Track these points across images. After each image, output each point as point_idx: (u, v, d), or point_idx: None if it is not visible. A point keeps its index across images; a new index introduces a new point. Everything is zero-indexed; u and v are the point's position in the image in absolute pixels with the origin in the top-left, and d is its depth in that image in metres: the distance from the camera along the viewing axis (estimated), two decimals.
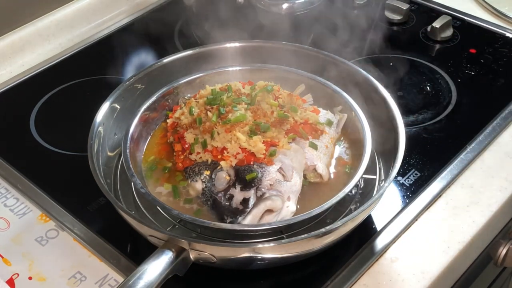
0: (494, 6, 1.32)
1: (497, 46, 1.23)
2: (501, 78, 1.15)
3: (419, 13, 1.33)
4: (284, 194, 0.84)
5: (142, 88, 0.99)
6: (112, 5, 1.36)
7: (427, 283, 0.84)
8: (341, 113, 0.97)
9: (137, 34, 1.29)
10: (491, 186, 0.96)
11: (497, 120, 1.05)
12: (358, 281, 0.84)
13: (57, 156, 1.03)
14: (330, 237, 0.80)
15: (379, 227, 0.89)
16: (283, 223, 0.82)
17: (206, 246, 0.76)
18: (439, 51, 1.23)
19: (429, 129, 1.06)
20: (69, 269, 0.86)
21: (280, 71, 1.02)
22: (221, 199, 0.84)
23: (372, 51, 1.20)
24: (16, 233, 0.91)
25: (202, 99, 0.93)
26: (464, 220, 0.91)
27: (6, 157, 1.02)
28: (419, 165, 0.98)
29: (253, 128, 0.87)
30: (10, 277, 0.85)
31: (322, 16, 1.21)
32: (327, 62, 1.01)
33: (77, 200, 0.94)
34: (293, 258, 0.82)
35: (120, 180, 0.92)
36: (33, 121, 1.10)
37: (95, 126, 0.91)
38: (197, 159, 0.87)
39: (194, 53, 1.03)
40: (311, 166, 0.89)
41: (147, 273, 0.73)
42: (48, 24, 1.28)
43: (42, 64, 1.23)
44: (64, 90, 1.17)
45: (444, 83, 1.15)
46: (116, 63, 1.22)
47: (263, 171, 0.84)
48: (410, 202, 0.93)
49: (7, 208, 0.95)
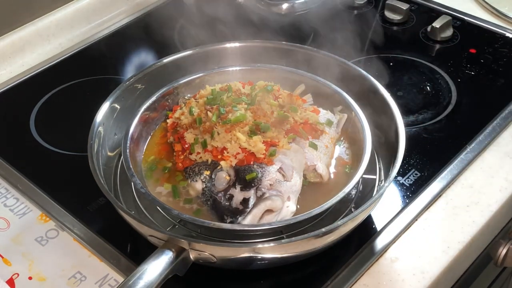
0: (494, 6, 1.32)
1: (497, 46, 1.23)
2: (501, 78, 1.15)
3: (419, 13, 1.33)
4: (284, 194, 0.84)
5: (142, 88, 0.99)
6: (112, 5, 1.36)
7: (427, 283, 0.84)
8: (341, 113, 0.97)
9: (137, 34, 1.29)
10: (491, 186, 0.96)
11: (497, 120, 1.05)
12: (358, 281, 0.84)
13: (57, 156, 1.03)
14: (330, 237, 0.80)
15: (379, 227, 0.89)
16: (283, 223, 0.82)
17: (206, 246, 0.76)
18: (439, 51, 1.23)
19: (429, 129, 1.06)
20: (69, 269, 0.86)
21: (280, 71, 1.02)
22: (221, 199, 0.84)
23: (372, 51, 1.20)
24: (16, 233, 0.91)
25: (202, 99, 0.93)
26: (464, 220, 0.91)
27: (6, 157, 1.02)
28: (419, 165, 0.98)
29: (253, 128, 0.87)
30: (10, 277, 0.85)
31: (322, 16, 1.21)
32: (327, 62, 1.01)
33: (77, 200, 0.94)
34: (293, 258, 0.82)
35: (120, 180, 0.92)
36: (33, 121, 1.10)
37: (95, 126, 0.90)
38: (197, 159, 0.87)
39: (194, 53, 1.03)
40: (311, 166, 0.89)
41: (147, 273, 0.73)
42: (48, 24, 1.28)
43: (42, 64, 1.23)
44: (64, 90, 1.17)
45: (444, 83, 1.15)
46: (116, 63, 1.22)
47: (263, 171, 0.84)
48: (410, 202, 0.93)
49: (7, 208, 0.95)
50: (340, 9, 1.32)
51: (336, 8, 1.31)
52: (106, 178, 0.88)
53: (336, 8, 1.31)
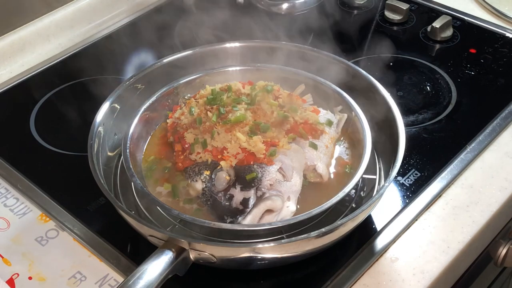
0: (494, 6, 1.32)
1: (497, 46, 1.23)
2: (501, 78, 1.15)
3: (419, 13, 1.33)
4: (284, 194, 0.84)
5: (142, 88, 0.99)
6: (112, 5, 1.36)
7: (427, 283, 0.84)
8: (341, 113, 0.97)
9: (137, 34, 1.29)
10: (491, 186, 0.96)
11: (497, 120, 1.05)
12: (358, 281, 0.84)
13: (57, 156, 1.03)
14: (330, 237, 0.80)
15: (379, 227, 0.89)
16: (283, 223, 0.82)
17: (206, 246, 0.76)
18: (439, 51, 1.23)
19: (429, 129, 1.06)
20: (69, 269, 0.86)
21: (280, 71, 1.02)
22: (221, 199, 0.84)
23: (372, 51, 1.20)
24: (16, 233, 0.91)
25: (202, 99, 0.93)
26: (464, 220, 0.91)
27: (6, 157, 1.02)
28: (419, 165, 0.98)
29: (253, 128, 0.87)
30: (10, 277, 0.85)
31: (322, 16, 1.21)
32: (327, 62, 1.01)
33: (77, 200, 0.94)
34: (293, 258, 0.82)
35: (120, 180, 0.92)
36: (33, 121, 1.10)
37: (95, 126, 0.90)
38: (197, 159, 0.87)
39: (194, 53, 1.03)
40: (311, 166, 0.89)
41: (147, 273, 0.73)
42: (48, 24, 1.28)
43: (42, 64, 1.23)
44: (64, 90, 1.17)
45: (444, 83, 1.15)
46: (116, 63, 1.22)
47: (263, 171, 0.84)
48: (410, 202, 0.93)
49: (7, 208, 0.95)
50: (340, 9, 1.32)
51: (336, 8, 1.31)
52: (106, 178, 0.88)
53: (336, 8, 1.31)
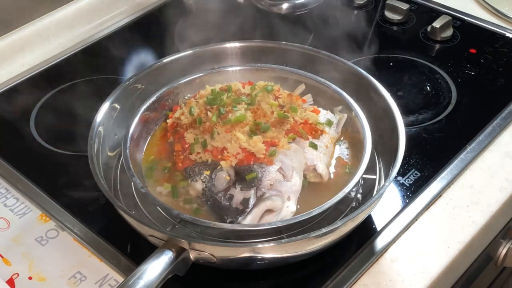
0: (494, 6, 1.32)
1: (497, 46, 1.23)
2: (501, 78, 1.15)
3: (419, 13, 1.33)
4: (284, 194, 0.84)
5: (142, 88, 0.99)
6: (112, 5, 1.36)
7: (427, 283, 0.84)
8: (341, 113, 0.97)
9: (137, 34, 1.29)
10: (491, 186, 0.96)
11: (497, 120, 1.05)
12: (358, 281, 0.84)
13: (57, 156, 1.03)
14: (330, 237, 0.80)
15: (379, 227, 0.89)
16: (283, 223, 0.82)
17: (206, 246, 0.76)
18: (439, 51, 1.23)
19: (429, 129, 1.06)
20: (69, 269, 0.86)
21: (280, 71, 1.02)
22: (221, 199, 0.84)
23: (372, 51, 1.20)
24: (16, 233, 0.91)
25: (202, 99, 0.93)
26: (464, 220, 0.91)
27: (6, 157, 1.02)
28: (419, 165, 0.98)
29: (253, 128, 0.87)
30: (10, 277, 0.85)
31: (322, 16, 1.21)
32: (327, 62, 1.01)
33: (77, 200, 0.94)
34: (293, 258, 0.82)
35: (120, 180, 0.92)
36: (33, 121, 1.10)
37: (95, 126, 0.90)
38: (197, 159, 0.87)
39: (194, 53, 1.03)
40: (311, 166, 0.89)
41: (147, 273, 0.73)
42: (48, 24, 1.28)
43: (42, 64, 1.23)
44: (64, 90, 1.17)
45: (444, 83, 1.15)
46: (116, 63, 1.22)
47: (263, 171, 0.84)
48: (410, 202, 0.93)
49: (7, 208, 0.95)
50: (340, 9, 1.32)
51: (336, 8, 1.31)
52: (106, 178, 0.88)
53: (336, 8, 1.31)
